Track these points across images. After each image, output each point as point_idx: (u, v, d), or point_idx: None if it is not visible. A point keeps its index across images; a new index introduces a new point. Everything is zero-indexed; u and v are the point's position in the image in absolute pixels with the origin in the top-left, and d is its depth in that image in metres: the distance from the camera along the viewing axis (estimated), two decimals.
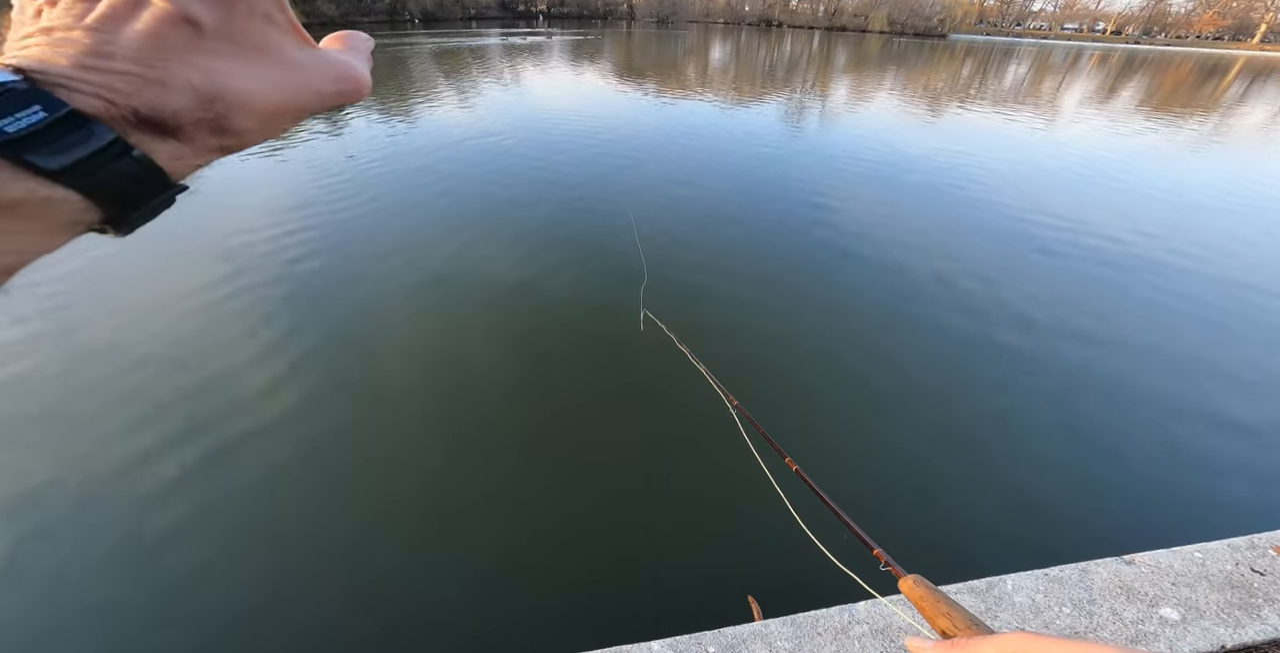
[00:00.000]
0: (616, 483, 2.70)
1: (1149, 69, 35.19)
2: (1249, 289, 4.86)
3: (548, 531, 2.45)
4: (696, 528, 2.47)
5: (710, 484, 2.68)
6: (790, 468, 1.13)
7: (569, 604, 2.15)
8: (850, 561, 1.07)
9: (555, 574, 2.27)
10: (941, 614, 0.50)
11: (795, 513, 1.23)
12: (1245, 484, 2.77)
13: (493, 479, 2.71)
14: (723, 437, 2.70)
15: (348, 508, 2.51)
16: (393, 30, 41.25)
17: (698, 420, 3.06)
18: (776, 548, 2.32)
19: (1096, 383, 3.51)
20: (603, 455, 2.85)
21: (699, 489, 2.66)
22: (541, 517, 2.51)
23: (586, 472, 2.75)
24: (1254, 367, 3.74)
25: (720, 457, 2.79)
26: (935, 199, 7.01)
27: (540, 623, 2.07)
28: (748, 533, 2.43)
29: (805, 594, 1.77)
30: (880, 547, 0.74)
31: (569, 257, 5.02)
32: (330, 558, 2.28)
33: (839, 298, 4.50)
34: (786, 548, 2.24)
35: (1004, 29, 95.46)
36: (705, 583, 2.22)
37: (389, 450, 2.85)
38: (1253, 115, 16.42)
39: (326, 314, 4.02)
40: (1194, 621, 1.67)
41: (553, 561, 2.32)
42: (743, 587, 2.16)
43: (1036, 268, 5.12)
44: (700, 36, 46.64)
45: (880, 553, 0.72)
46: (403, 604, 2.13)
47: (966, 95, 17.68)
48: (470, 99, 13.08)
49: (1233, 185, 8.27)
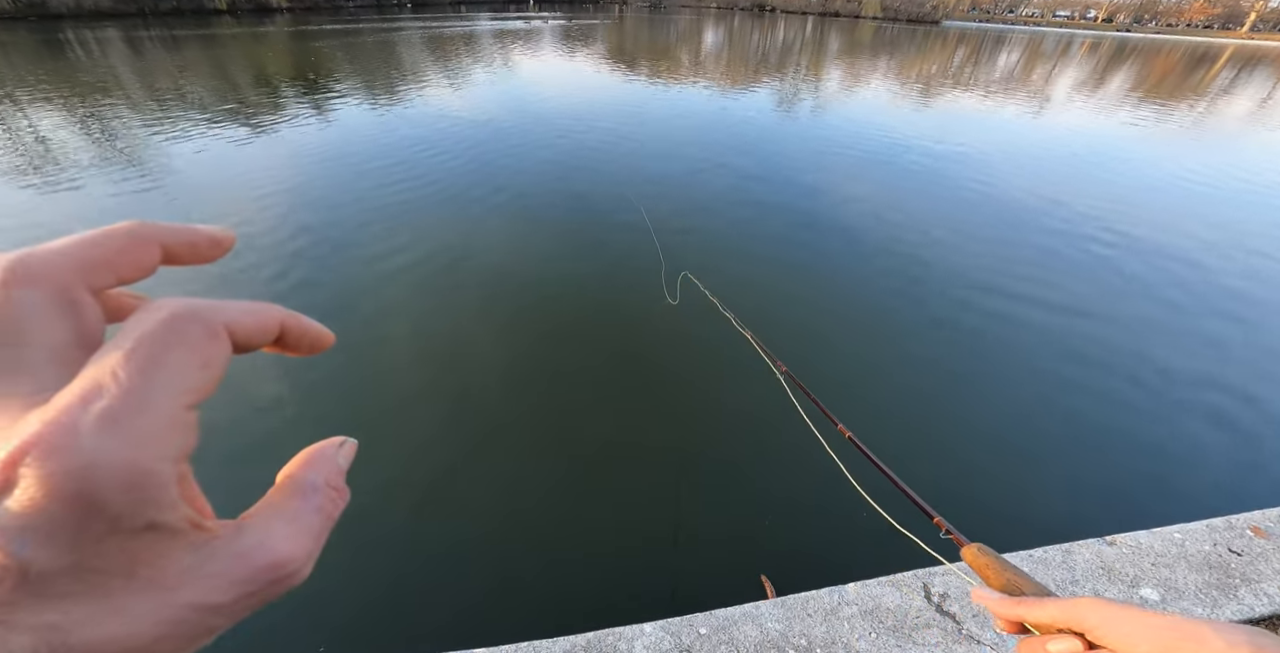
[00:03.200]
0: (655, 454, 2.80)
1: (1139, 57, 35.23)
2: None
3: (582, 505, 2.51)
4: (732, 500, 2.52)
5: (755, 453, 2.80)
6: (844, 435, 1.07)
7: (609, 576, 2.21)
8: (875, 529, 1.08)
9: (584, 546, 2.34)
10: (1009, 582, 0.52)
11: (853, 480, 1.17)
12: (1225, 464, 2.84)
13: (522, 454, 2.77)
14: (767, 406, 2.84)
15: None
16: (380, 14, 40.42)
17: (744, 390, 3.18)
18: (811, 518, 2.41)
19: (1079, 365, 3.57)
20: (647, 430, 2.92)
21: (741, 458, 2.78)
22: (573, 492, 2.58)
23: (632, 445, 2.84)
24: (1230, 350, 3.81)
25: (763, 426, 2.92)
26: None
27: (573, 594, 2.11)
28: (783, 504, 2.51)
29: (842, 564, 1.83)
30: (940, 515, 0.74)
31: (595, 234, 5.07)
32: None
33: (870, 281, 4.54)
34: (825, 518, 2.39)
35: (997, 16, 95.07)
36: (725, 559, 2.28)
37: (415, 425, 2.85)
38: (1237, 106, 16.51)
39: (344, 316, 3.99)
40: (1173, 601, 1.72)
41: (582, 534, 2.38)
42: (765, 562, 2.23)
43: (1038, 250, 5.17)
44: (694, 22, 46.10)
45: (941, 521, 0.73)
46: (403, 573, 2.15)
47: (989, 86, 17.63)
48: (482, 93, 12.87)
49: (1209, 171, 8.35)
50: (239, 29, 26.83)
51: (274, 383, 3.20)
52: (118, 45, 19.23)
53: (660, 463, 2.76)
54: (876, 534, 1.12)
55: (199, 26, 27.86)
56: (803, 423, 1.43)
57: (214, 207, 5.62)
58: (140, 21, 30.68)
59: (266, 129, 8.61)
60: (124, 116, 9.02)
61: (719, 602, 1.69)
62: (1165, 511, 2.47)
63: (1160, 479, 2.76)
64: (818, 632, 1.60)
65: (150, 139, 7.83)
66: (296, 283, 4.29)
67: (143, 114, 9.21)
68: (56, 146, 7.39)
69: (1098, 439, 2.99)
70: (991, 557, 0.56)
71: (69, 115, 9.02)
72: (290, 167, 6.97)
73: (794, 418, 1.51)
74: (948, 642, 1.58)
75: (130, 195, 5.85)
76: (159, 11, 35.89)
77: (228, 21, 32.24)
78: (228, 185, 6.24)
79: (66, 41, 19.91)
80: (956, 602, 1.69)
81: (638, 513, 2.51)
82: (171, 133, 8.15)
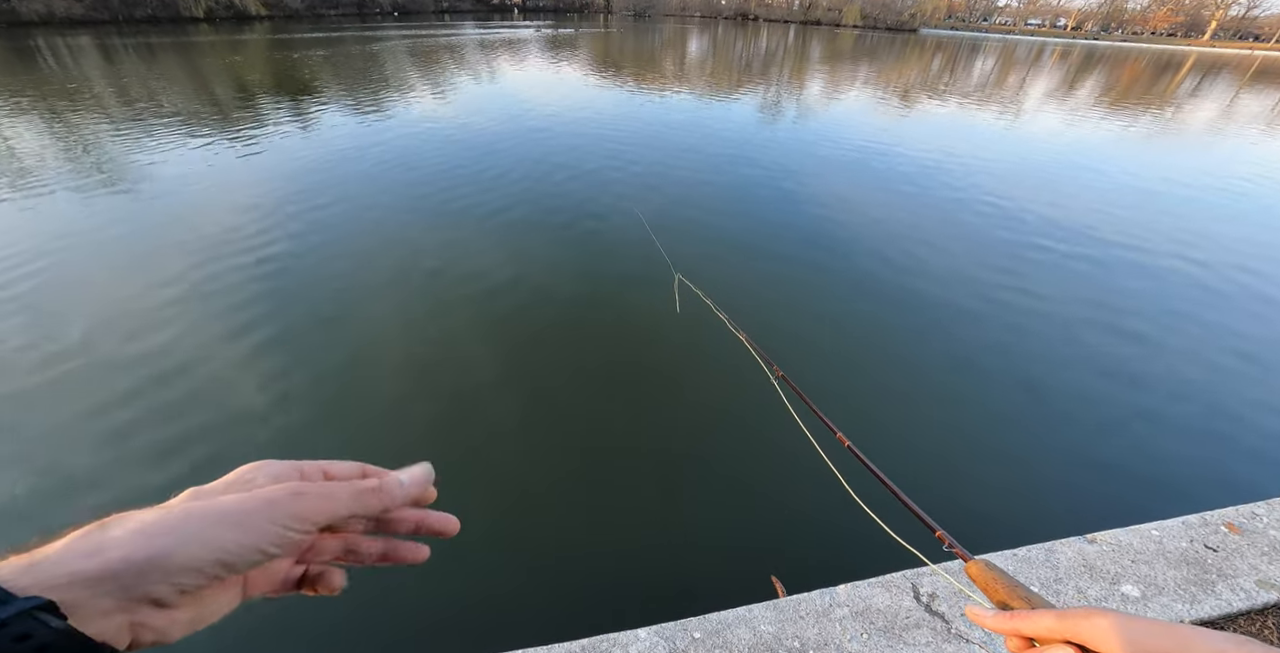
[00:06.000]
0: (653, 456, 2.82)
1: (1107, 64, 36.31)
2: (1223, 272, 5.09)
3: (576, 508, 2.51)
4: (729, 503, 2.54)
5: (744, 461, 2.81)
6: (842, 444, 1.04)
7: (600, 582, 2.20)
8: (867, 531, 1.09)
9: (579, 551, 2.34)
10: (1017, 597, 0.51)
11: (848, 487, 1.12)
12: (1200, 460, 2.92)
13: (512, 459, 2.76)
14: (758, 411, 2.94)
15: None
16: (363, 23, 40.20)
17: (738, 395, 3.22)
18: (807, 526, 2.43)
19: (1060, 366, 3.65)
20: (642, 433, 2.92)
21: (735, 464, 2.80)
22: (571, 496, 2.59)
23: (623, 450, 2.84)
24: (1208, 349, 3.93)
25: (754, 434, 2.94)
26: None
27: (567, 601, 2.10)
28: (778, 509, 2.53)
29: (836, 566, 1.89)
30: (942, 528, 0.71)
31: (595, 242, 5.07)
32: None
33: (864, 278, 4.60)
34: (817, 526, 2.42)
35: (971, 23, 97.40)
36: (735, 560, 2.30)
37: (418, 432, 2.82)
38: (1201, 112, 17.08)
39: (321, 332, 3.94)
40: (1153, 597, 1.76)
41: (574, 541, 2.38)
42: (769, 566, 2.23)
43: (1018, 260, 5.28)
44: (680, 31, 46.55)
45: (944, 535, 0.70)
46: (394, 581, 2.13)
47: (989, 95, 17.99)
48: (483, 107, 12.84)
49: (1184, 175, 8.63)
50: (216, 37, 26.50)
51: (271, 388, 3.16)
52: (91, 53, 18.88)
53: (657, 467, 2.77)
54: (868, 535, 1.13)
55: (175, 34, 27.47)
56: (797, 427, 1.43)
57: (188, 218, 5.54)
58: (114, 29, 30.17)
59: (243, 138, 8.51)
60: (96, 125, 8.85)
61: (715, 607, 1.70)
62: (1144, 508, 2.54)
63: (1138, 477, 2.83)
64: (810, 634, 1.62)
65: (119, 148, 7.69)
66: (297, 285, 4.25)
67: (115, 123, 9.06)
68: (23, 155, 7.24)
69: (1080, 438, 3.07)
70: (997, 573, 0.55)
71: (40, 123, 8.84)
72: (274, 175, 6.90)
73: (790, 422, 1.50)
74: (938, 641, 1.61)
75: (102, 209, 5.75)
76: (133, 19, 35.36)
77: (205, 29, 31.84)
78: (203, 196, 6.16)
79: (37, 49, 19.51)
80: (945, 602, 1.72)
81: (633, 518, 2.51)
82: (146, 143, 8.02)
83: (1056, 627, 0.43)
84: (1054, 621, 0.43)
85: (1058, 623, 0.43)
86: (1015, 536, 1.97)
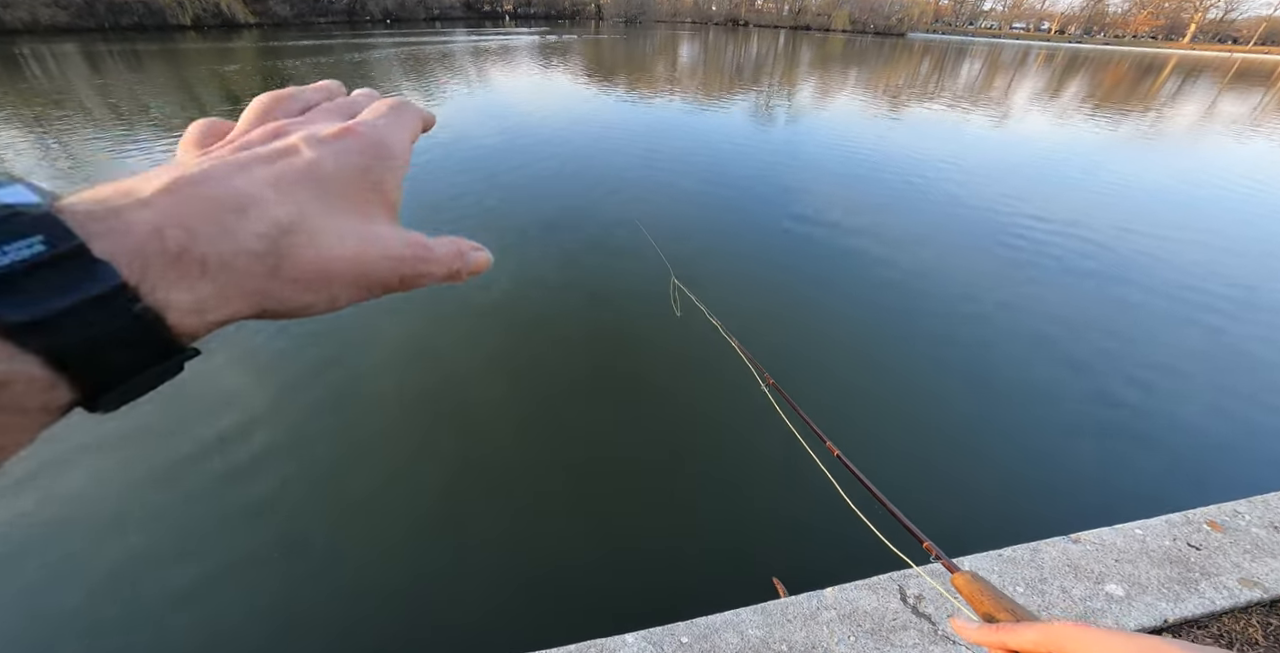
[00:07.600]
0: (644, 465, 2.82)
1: (1090, 67, 36.85)
2: None
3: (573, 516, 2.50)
4: (721, 509, 2.55)
5: (735, 466, 2.82)
6: (832, 453, 1.04)
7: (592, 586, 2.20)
8: (857, 542, 1.09)
9: (574, 557, 2.35)
10: (1003, 610, 0.51)
11: (843, 493, 1.11)
12: (1178, 459, 2.96)
13: (509, 467, 2.77)
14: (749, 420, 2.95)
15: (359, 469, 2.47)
16: (353, 30, 40.15)
17: (730, 403, 3.22)
18: (798, 530, 2.45)
19: (1042, 367, 3.69)
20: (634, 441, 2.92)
21: (724, 471, 2.81)
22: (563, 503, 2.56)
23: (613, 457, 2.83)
24: (1183, 350, 3.98)
25: (745, 443, 2.95)
26: None
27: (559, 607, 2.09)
28: (769, 514, 2.54)
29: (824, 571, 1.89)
30: (930, 539, 0.72)
31: (593, 250, 5.07)
32: (328, 531, 2.24)
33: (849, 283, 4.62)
34: (807, 530, 2.42)
35: (958, 27, 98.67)
36: (735, 565, 2.31)
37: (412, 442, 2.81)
38: (1181, 117, 17.36)
39: None
40: (1138, 596, 1.78)
41: (567, 547, 2.38)
42: (760, 571, 2.24)
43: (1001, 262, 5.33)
44: (671, 37, 46.83)
45: (931, 546, 0.71)
46: (388, 588, 2.12)
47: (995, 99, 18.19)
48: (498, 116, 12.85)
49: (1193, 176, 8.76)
50: (204, 44, 26.37)
51: (263, 397, 3.14)
52: (76, 60, 18.75)
53: (648, 473, 2.77)
54: (856, 539, 1.13)
55: (162, 41, 27.31)
56: (789, 433, 1.44)
57: None
58: (100, 36, 29.97)
59: None
60: (80, 132, 8.79)
61: (706, 612, 1.70)
62: (1128, 507, 2.56)
63: (1121, 476, 2.86)
64: (798, 637, 1.62)
65: (103, 157, 7.64)
66: None
67: (100, 131, 8.99)
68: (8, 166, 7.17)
69: (1063, 440, 3.10)
70: (983, 584, 0.55)
71: (24, 132, 8.76)
72: None
73: (782, 428, 1.51)
74: (925, 643, 1.61)
75: None
76: (119, 26, 35.11)
77: (192, 36, 31.67)
78: None
79: (22, 57, 19.35)
80: (931, 603, 1.73)
81: (624, 524, 2.51)
82: (131, 152, 7.97)
83: (1040, 641, 0.43)
84: (1038, 634, 0.44)
85: (1041, 637, 0.43)
86: (1001, 536, 1.99)
